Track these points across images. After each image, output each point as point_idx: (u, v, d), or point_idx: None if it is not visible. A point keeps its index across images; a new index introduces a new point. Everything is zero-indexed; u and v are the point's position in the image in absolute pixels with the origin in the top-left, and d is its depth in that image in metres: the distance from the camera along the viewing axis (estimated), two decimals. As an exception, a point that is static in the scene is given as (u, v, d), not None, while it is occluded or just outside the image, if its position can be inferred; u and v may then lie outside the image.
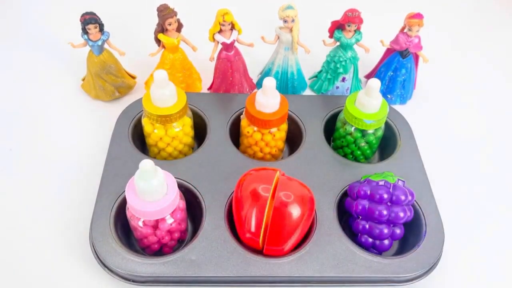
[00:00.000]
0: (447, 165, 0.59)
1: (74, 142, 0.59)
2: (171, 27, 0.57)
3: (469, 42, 0.81)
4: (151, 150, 0.54)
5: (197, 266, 0.43)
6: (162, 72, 0.47)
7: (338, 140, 0.56)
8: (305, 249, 0.44)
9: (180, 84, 0.63)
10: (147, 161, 0.38)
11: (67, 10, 0.80)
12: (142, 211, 0.40)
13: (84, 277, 0.46)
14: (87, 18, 0.55)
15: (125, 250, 0.43)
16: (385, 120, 0.53)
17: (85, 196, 0.51)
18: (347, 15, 0.57)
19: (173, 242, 0.47)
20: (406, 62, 0.63)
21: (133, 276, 0.42)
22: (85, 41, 0.58)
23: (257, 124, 0.51)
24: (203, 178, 0.50)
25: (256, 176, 0.45)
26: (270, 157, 0.55)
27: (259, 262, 0.43)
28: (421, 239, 0.46)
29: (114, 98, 0.64)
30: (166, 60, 0.61)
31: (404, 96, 0.67)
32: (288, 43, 0.61)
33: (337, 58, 0.62)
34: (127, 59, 0.61)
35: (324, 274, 0.43)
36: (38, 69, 0.69)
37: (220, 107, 0.58)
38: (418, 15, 0.58)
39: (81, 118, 0.62)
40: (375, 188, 0.45)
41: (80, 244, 0.48)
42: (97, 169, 0.52)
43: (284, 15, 0.57)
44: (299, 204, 0.43)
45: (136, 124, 0.55)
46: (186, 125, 0.52)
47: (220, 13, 0.55)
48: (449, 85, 0.71)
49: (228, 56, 0.60)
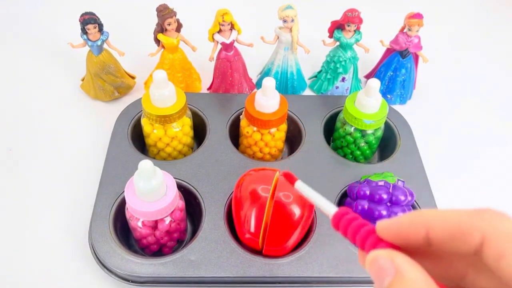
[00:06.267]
0: (447, 165, 0.59)
1: (73, 142, 0.59)
2: (171, 27, 0.57)
3: (469, 42, 0.81)
4: (150, 150, 0.54)
5: (196, 266, 0.43)
6: (161, 72, 0.47)
7: (337, 140, 0.56)
8: (304, 250, 0.44)
9: (180, 84, 0.63)
10: (146, 161, 0.38)
11: (67, 10, 0.80)
12: (141, 212, 0.40)
13: (84, 278, 0.46)
14: (86, 18, 0.55)
15: (124, 251, 0.43)
16: (384, 120, 0.53)
17: (85, 196, 0.51)
18: (347, 15, 0.57)
19: (172, 242, 0.47)
20: (406, 62, 0.63)
21: (133, 276, 0.42)
22: (84, 41, 0.58)
23: (256, 124, 0.51)
24: (202, 178, 0.50)
25: (256, 177, 0.45)
26: (270, 157, 0.55)
27: (258, 262, 0.43)
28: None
29: (113, 98, 0.64)
30: (165, 60, 0.60)
31: (404, 96, 0.67)
32: (288, 43, 0.61)
33: (337, 58, 0.62)
34: (126, 59, 0.61)
35: (323, 274, 0.43)
36: (37, 69, 0.69)
37: (219, 107, 0.58)
38: (418, 15, 0.58)
39: (81, 118, 0.62)
40: (374, 188, 0.45)
41: (79, 245, 0.47)
42: (97, 169, 0.52)
43: (284, 15, 0.57)
44: (298, 205, 0.43)
45: (135, 124, 0.55)
46: (186, 125, 0.52)
47: (219, 13, 0.55)
48: (449, 85, 0.71)
49: (228, 56, 0.60)
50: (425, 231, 0.20)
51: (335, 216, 0.24)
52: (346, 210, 0.24)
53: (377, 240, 0.21)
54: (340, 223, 0.23)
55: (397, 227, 0.21)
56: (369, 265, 0.20)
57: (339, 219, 0.23)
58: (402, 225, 0.21)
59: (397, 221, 0.21)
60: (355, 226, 0.22)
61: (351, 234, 0.22)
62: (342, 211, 0.24)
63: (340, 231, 0.23)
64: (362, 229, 0.22)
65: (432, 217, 0.20)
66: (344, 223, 0.23)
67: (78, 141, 0.59)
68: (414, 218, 0.21)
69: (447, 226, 0.19)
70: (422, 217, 0.20)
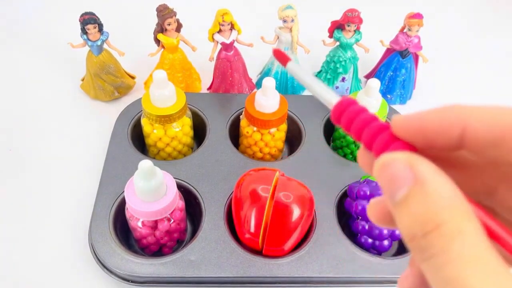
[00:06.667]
0: (447, 165, 0.59)
1: (73, 142, 0.58)
2: (171, 27, 0.57)
3: (469, 42, 0.81)
4: (150, 150, 0.54)
5: (196, 266, 0.43)
6: (161, 72, 0.47)
7: (337, 140, 0.56)
8: (304, 250, 0.44)
9: (180, 84, 0.63)
10: (146, 161, 0.38)
11: (67, 10, 0.80)
12: (141, 212, 0.40)
13: (83, 278, 0.46)
14: (86, 18, 0.55)
15: (124, 251, 0.43)
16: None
17: (85, 196, 0.51)
18: (347, 15, 0.57)
19: (172, 242, 0.46)
20: (406, 62, 0.63)
21: (132, 276, 0.42)
22: (84, 41, 0.58)
23: (256, 124, 0.51)
24: (202, 179, 0.50)
25: (256, 177, 0.45)
26: (270, 157, 0.55)
27: (258, 262, 0.43)
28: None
29: (113, 98, 0.64)
30: (165, 60, 0.60)
31: (404, 96, 0.66)
32: (288, 43, 0.61)
33: (337, 58, 0.62)
34: (126, 59, 0.61)
35: (323, 274, 0.43)
36: (37, 69, 0.69)
37: (219, 107, 0.58)
38: (418, 15, 0.58)
39: (81, 118, 0.62)
40: (374, 188, 0.45)
41: (79, 245, 0.47)
42: (97, 169, 0.52)
43: (284, 15, 0.57)
44: (298, 205, 0.42)
45: (135, 124, 0.55)
46: (186, 125, 0.52)
47: (219, 13, 0.55)
48: (449, 85, 0.71)
49: (228, 56, 0.60)
50: (460, 130, 0.15)
51: (338, 105, 0.19)
52: (350, 100, 0.19)
53: (391, 138, 0.17)
54: (343, 115, 0.19)
55: (422, 122, 0.16)
56: (379, 171, 0.16)
57: (342, 110, 0.19)
58: (430, 121, 0.16)
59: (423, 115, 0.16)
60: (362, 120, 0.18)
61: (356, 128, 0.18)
62: (346, 100, 0.19)
63: (342, 125, 0.19)
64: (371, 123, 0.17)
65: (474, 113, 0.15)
66: (348, 114, 0.18)
67: (78, 141, 0.59)
68: (448, 113, 0.16)
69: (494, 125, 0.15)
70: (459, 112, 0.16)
